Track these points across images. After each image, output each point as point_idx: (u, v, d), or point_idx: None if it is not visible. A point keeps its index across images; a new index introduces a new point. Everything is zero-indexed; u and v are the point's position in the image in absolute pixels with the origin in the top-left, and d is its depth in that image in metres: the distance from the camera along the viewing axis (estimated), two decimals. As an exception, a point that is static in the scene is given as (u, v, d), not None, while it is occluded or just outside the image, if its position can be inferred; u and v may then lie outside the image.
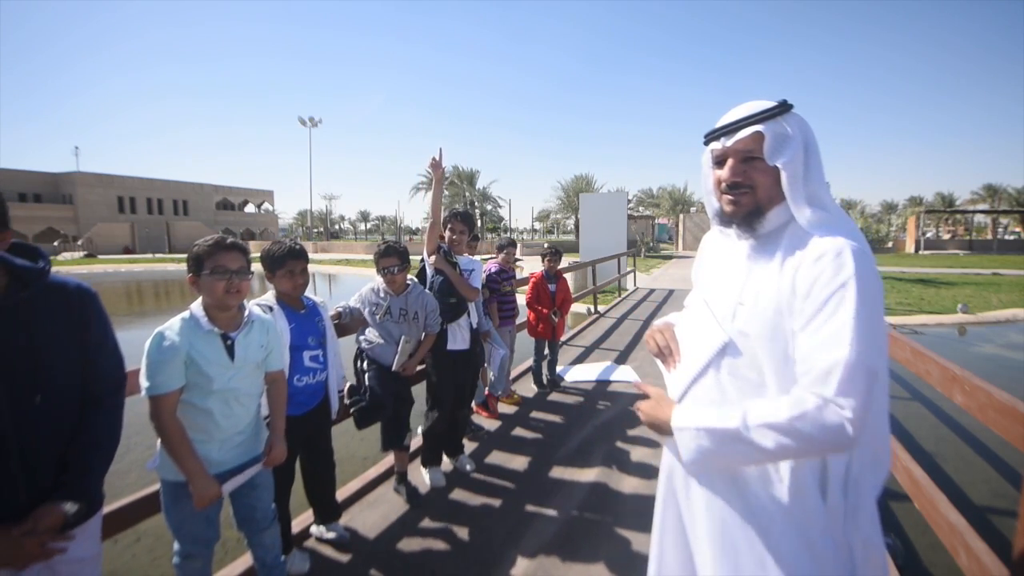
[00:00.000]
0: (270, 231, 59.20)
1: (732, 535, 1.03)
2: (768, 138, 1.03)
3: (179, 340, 1.59)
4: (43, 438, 1.21)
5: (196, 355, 1.61)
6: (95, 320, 1.33)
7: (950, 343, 8.37)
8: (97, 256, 36.29)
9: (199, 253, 1.64)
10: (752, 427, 0.90)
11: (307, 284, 2.27)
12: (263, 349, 1.82)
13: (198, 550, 1.76)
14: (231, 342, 1.69)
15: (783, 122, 1.02)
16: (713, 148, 1.10)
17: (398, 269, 2.70)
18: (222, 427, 1.70)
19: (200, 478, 1.61)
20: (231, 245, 1.67)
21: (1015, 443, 1.36)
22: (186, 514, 1.69)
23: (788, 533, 0.98)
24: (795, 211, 1.01)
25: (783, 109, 1.02)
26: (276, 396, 1.93)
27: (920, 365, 2.06)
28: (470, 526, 2.64)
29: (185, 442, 1.61)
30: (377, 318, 2.73)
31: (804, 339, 0.91)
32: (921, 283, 14.98)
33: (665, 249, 35.86)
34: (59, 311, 1.26)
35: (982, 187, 53.20)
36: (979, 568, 1.49)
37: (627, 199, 14.49)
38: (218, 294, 1.64)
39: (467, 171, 48.05)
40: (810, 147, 1.03)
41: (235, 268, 1.65)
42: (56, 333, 1.24)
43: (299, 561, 2.28)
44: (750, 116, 1.03)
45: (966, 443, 4.58)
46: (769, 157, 1.03)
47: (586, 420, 4.08)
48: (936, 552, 2.85)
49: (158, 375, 1.56)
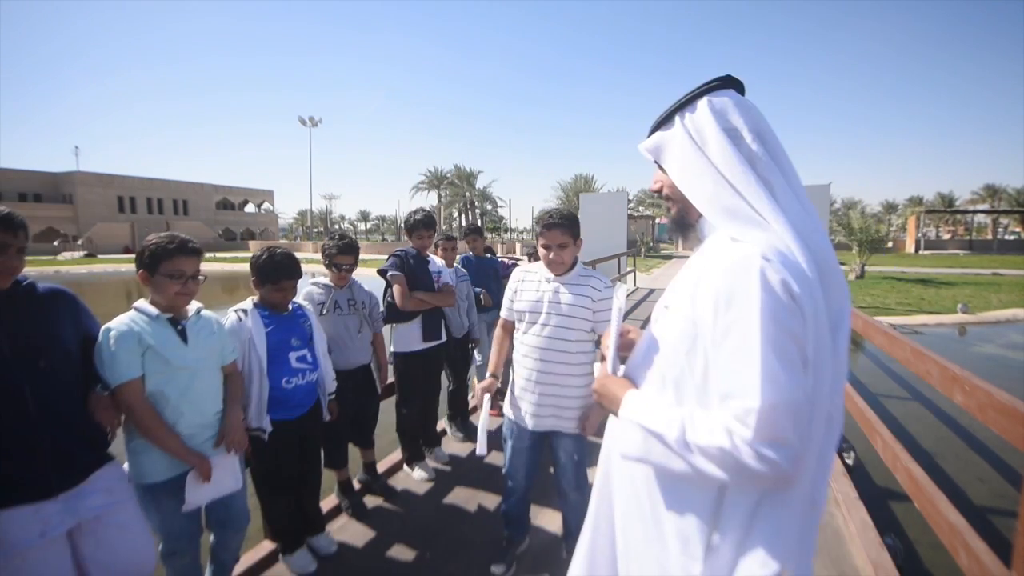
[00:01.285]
0: (270, 231, 59.18)
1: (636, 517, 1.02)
2: (652, 145, 1.01)
3: (130, 329, 1.62)
4: (54, 395, 1.46)
5: (152, 340, 1.64)
6: (80, 309, 1.65)
7: (950, 343, 8.38)
8: (97, 256, 36.25)
9: (157, 254, 1.66)
10: (688, 443, 0.83)
11: (294, 295, 2.26)
12: (214, 336, 1.84)
13: (182, 546, 1.78)
14: (182, 327, 1.74)
15: (679, 118, 0.97)
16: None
17: (351, 267, 2.70)
18: (185, 415, 1.71)
19: (187, 452, 1.68)
20: (192, 249, 1.72)
21: (1015, 443, 1.36)
22: (166, 512, 1.72)
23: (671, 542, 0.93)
24: (706, 214, 0.95)
25: (678, 106, 0.98)
26: (231, 387, 1.93)
27: (920, 365, 2.06)
28: (470, 525, 2.65)
29: (162, 423, 1.65)
30: (323, 312, 2.60)
31: (719, 361, 0.83)
32: (921, 283, 14.98)
33: (665, 249, 35.85)
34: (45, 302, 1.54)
35: (982, 187, 53.18)
36: (979, 568, 1.49)
37: (627, 199, 14.48)
38: (170, 295, 1.68)
39: (467, 171, 48.08)
40: (701, 140, 0.94)
41: (191, 272, 1.69)
42: (51, 315, 1.53)
43: (303, 561, 2.28)
44: (655, 122, 1.01)
45: (966, 443, 4.58)
46: (661, 162, 1.01)
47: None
48: (936, 552, 2.85)
49: (118, 364, 1.59)
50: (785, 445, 0.77)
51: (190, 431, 1.73)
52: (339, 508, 2.76)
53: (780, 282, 0.79)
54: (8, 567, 1.32)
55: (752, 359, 0.78)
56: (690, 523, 0.90)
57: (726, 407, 0.80)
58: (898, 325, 9.18)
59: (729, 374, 0.81)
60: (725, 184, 0.91)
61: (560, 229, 1.96)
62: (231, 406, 1.90)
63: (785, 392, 0.77)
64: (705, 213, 0.95)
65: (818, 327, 0.81)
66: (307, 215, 62.57)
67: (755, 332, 0.78)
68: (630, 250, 14.35)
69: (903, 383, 6.09)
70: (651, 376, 0.99)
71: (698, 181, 0.95)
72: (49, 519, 1.39)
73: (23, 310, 1.47)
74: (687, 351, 0.90)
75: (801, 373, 0.79)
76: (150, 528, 1.71)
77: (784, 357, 0.78)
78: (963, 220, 49.02)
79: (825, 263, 0.87)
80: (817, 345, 0.81)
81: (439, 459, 3.37)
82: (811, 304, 0.80)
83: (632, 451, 0.93)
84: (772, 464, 0.76)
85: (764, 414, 0.76)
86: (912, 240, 33.80)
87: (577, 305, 1.99)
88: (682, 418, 0.85)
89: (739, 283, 0.81)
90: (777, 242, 0.85)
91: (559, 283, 2.03)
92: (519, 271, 2.19)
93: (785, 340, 0.78)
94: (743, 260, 0.82)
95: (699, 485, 0.89)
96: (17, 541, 1.33)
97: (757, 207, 0.88)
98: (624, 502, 1.05)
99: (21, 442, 1.38)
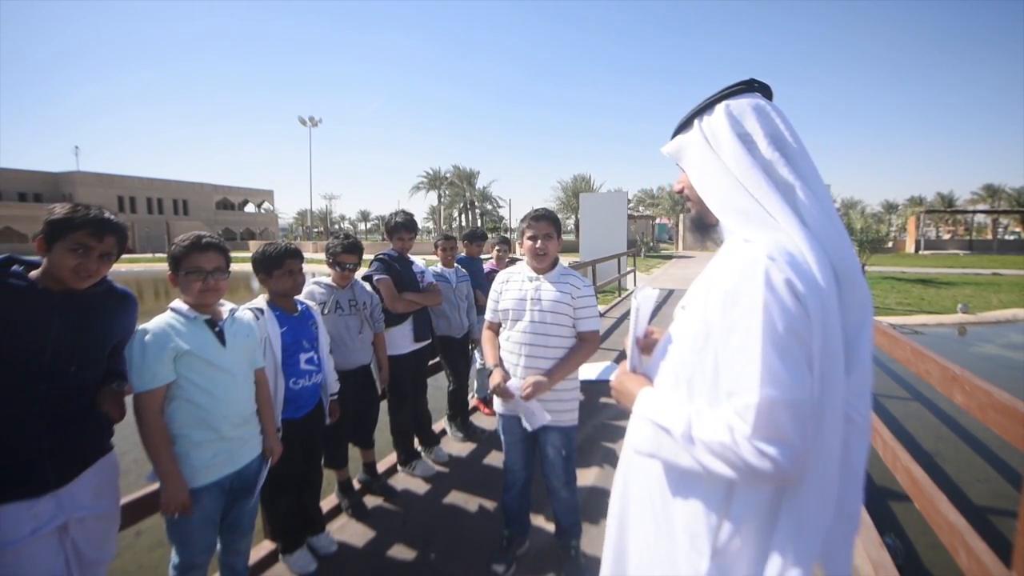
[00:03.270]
0: (270, 231, 59.17)
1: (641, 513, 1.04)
2: (674, 149, 1.02)
3: (165, 334, 1.61)
4: (68, 394, 1.46)
5: (189, 344, 1.63)
6: (134, 317, 1.66)
7: (950, 343, 8.37)
8: (97, 256, 36.22)
9: (176, 254, 1.67)
10: (693, 438, 0.85)
11: (304, 282, 2.27)
12: (249, 338, 1.84)
13: (203, 559, 1.75)
14: (219, 329, 1.73)
15: (697, 122, 0.99)
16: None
17: (355, 266, 2.71)
18: (228, 417, 1.71)
19: (176, 480, 1.61)
20: (206, 245, 1.70)
21: (1015, 443, 1.36)
22: (195, 523, 1.68)
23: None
24: (720, 216, 0.98)
25: (698, 110, 0.99)
26: (261, 395, 1.93)
27: (920, 365, 2.06)
28: (470, 525, 2.65)
29: (167, 442, 1.62)
30: (325, 312, 2.59)
31: (724, 359, 0.84)
32: (921, 283, 14.98)
33: (665, 249, 35.83)
34: (111, 307, 1.57)
35: (982, 187, 53.20)
36: (979, 568, 1.49)
37: (627, 199, 14.46)
38: (195, 293, 1.67)
39: (467, 171, 48.06)
40: (716, 145, 0.95)
41: (211, 268, 1.68)
42: (106, 322, 1.55)
43: (303, 561, 2.28)
44: (678, 124, 1.03)
45: (966, 443, 4.58)
46: (681, 164, 1.03)
47: (586, 420, 4.07)
48: (936, 552, 2.85)
49: (146, 371, 1.57)
50: (785, 443, 0.77)
51: (232, 433, 1.73)
52: (339, 508, 2.76)
53: (784, 281, 0.79)
54: (1, 563, 1.32)
55: (752, 356, 0.79)
56: (698, 520, 0.91)
57: (729, 403, 0.82)
58: (898, 325, 9.18)
59: (732, 371, 0.82)
60: (738, 187, 0.92)
61: (546, 221, 2.11)
62: (265, 416, 1.93)
63: (786, 390, 0.77)
64: (719, 215, 0.98)
65: (827, 327, 0.81)
66: (307, 215, 62.55)
67: (756, 329, 0.79)
68: (630, 250, 14.34)
69: (903, 383, 6.09)
70: (667, 374, 1.02)
71: (713, 184, 0.97)
72: (41, 515, 1.39)
73: (86, 314, 1.47)
74: (699, 350, 0.91)
75: (804, 372, 0.79)
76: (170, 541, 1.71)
77: (786, 355, 0.78)
78: (963, 220, 48.99)
79: (845, 268, 0.87)
80: (825, 345, 0.81)
81: (439, 459, 3.37)
82: (818, 304, 0.80)
83: (644, 446, 0.96)
84: (772, 461, 0.77)
85: (763, 410, 0.77)
86: (912, 240, 33.78)
87: (559, 301, 2.06)
88: (689, 414, 0.87)
89: (744, 282, 0.82)
90: (787, 242, 0.85)
91: (541, 280, 2.12)
92: (503, 273, 2.26)
93: (787, 338, 0.78)
94: (750, 259, 0.83)
95: (707, 482, 0.90)
96: (10, 538, 1.33)
97: (770, 209, 0.89)
98: (639, 500, 1.06)
99: (20, 438, 1.37)
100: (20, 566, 1.34)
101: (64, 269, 1.40)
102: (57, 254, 1.39)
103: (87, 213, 1.41)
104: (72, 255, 1.39)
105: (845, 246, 0.88)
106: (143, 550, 3.07)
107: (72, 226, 1.39)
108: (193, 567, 1.73)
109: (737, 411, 0.79)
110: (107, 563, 1.61)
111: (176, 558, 1.72)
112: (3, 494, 1.34)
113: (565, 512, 2.22)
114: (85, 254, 1.41)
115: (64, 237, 1.38)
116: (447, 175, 49.14)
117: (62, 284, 1.42)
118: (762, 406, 0.77)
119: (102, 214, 1.45)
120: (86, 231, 1.40)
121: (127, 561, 2.96)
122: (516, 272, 2.21)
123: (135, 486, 1.84)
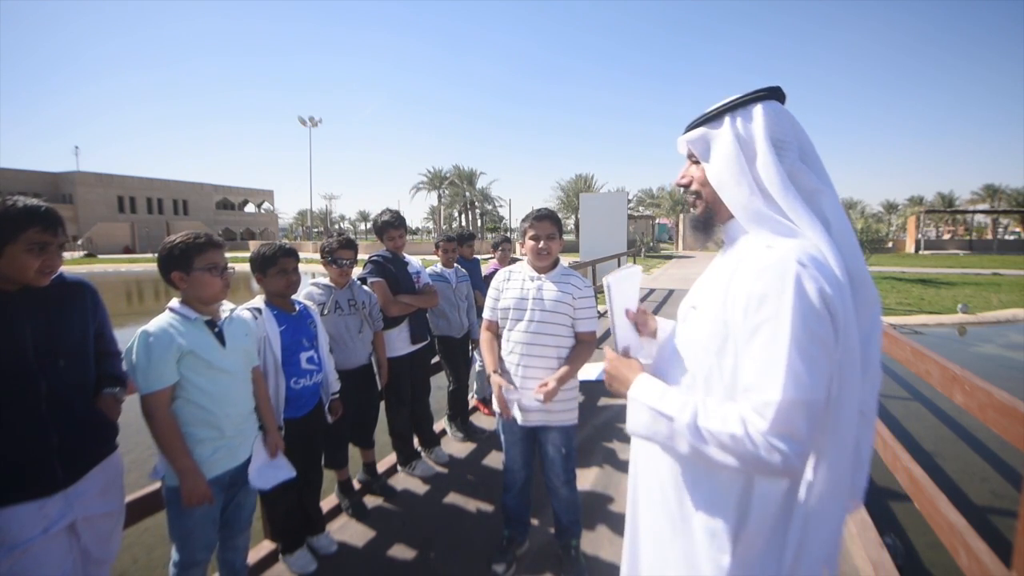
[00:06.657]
0: (270, 231, 59.17)
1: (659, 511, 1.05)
2: (695, 138, 1.01)
3: (168, 336, 1.60)
4: (67, 391, 1.46)
5: (191, 345, 1.63)
6: (99, 304, 1.64)
7: (950, 343, 8.37)
8: (97, 256, 36.25)
9: (189, 249, 1.65)
10: (699, 428, 0.86)
11: (299, 282, 2.27)
12: (248, 338, 1.85)
13: (204, 556, 1.76)
14: (218, 329, 1.73)
15: (726, 120, 0.97)
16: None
17: (352, 263, 2.69)
18: (230, 416, 1.72)
19: (194, 474, 1.62)
20: (218, 242, 1.72)
21: (1015, 443, 1.37)
22: (196, 520, 1.68)
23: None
24: (738, 218, 0.97)
25: (730, 107, 0.98)
26: (258, 392, 1.93)
27: (920, 365, 2.06)
28: (470, 525, 2.65)
29: (180, 437, 1.62)
30: (324, 313, 2.58)
31: (745, 358, 0.86)
32: (921, 283, 14.97)
33: (665, 249, 35.82)
34: (70, 297, 1.54)
35: (982, 187, 53.20)
36: (979, 568, 1.49)
37: (627, 199, 14.47)
38: (215, 290, 1.68)
39: (467, 171, 48.03)
40: (747, 147, 0.95)
41: (224, 264, 1.71)
42: (76, 312, 1.53)
43: (303, 561, 2.28)
44: (702, 115, 1.02)
45: (966, 443, 4.58)
46: (701, 158, 1.02)
47: (586, 420, 4.07)
48: (936, 552, 2.85)
49: (152, 373, 1.57)
50: (796, 440, 0.80)
51: (233, 431, 1.74)
52: (339, 508, 2.76)
53: (815, 288, 0.82)
54: (13, 562, 1.33)
55: (778, 356, 0.81)
56: (717, 516, 0.93)
57: (745, 398, 0.84)
58: (898, 325, 9.18)
59: (753, 369, 0.84)
60: (763, 190, 0.93)
61: (549, 221, 2.11)
62: (265, 411, 1.94)
63: (806, 391, 0.80)
64: (739, 217, 0.97)
65: (847, 332, 0.84)
66: (307, 215, 62.50)
67: (784, 332, 0.81)
68: (630, 250, 14.34)
69: (903, 383, 6.09)
70: (680, 373, 1.02)
71: (736, 185, 0.96)
72: (51, 514, 1.40)
73: (51, 307, 1.45)
74: (717, 351, 0.93)
75: (823, 375, 0.82)
76: (171, 538, 1.72)
77: (809, 359, 0.80)
78: (963, 220, 48.96)
79: (856, 269, 0.90)
80: (846, 348, 0.84)
81: (439, 459, 3.37)
82: (842, 309, 0.83)
83: (639, 429, 0.98)
84: (782, 455, 0.80)
85: (782, 409, 0.80)
86: (912, 240, 33.76)
87: (560, 301, 2.06)
88: (695, 404, 0.89)
89: (773, 285, 0.83)
90: (811, 248, 0.87)
91: (543, 280, 2.11)
92: (503, 272, 2.26)
93: (812, 344, 0.81)
94: (778, 263, 0.84)
95: (724, 480, 0.93)
96: (21, 537, 1.34)
97: (792, 215, 0.90)
98: (650, 497, 1.08)
99: (31, 438, 1.38)
100: (34, 565, 1.35)
101: (27, 271, 1.34)
102: (12, 257, 1.32)
103: (37, 207, 1.34)
104: (31, 255, 1.33)
105: (856, 248, 0.92)
106: (143, 550, 3.07)
107: (20, 226, 1.31)
108: (193, 564, 1.73)
109: (755, 407, 0.82)
110: (111, 561, 1.62)
111: (176, 555, 1.72)
112: (16, 493, 1.35)
113: (565, 510, 2.22)
114: (44, 251, 1.36)
115: (15, 239, 1.31)
116: (448, 175, 49.12)
117: (17, 283, 1.37)
118: (782, 405, 0.80)
119: (40, 206, 1.36)
120: (37, 228, 1.33)
121: (127, 561, 2.96)
122: (517, 271, 2.20)
123: (135, 486, 1.85)
